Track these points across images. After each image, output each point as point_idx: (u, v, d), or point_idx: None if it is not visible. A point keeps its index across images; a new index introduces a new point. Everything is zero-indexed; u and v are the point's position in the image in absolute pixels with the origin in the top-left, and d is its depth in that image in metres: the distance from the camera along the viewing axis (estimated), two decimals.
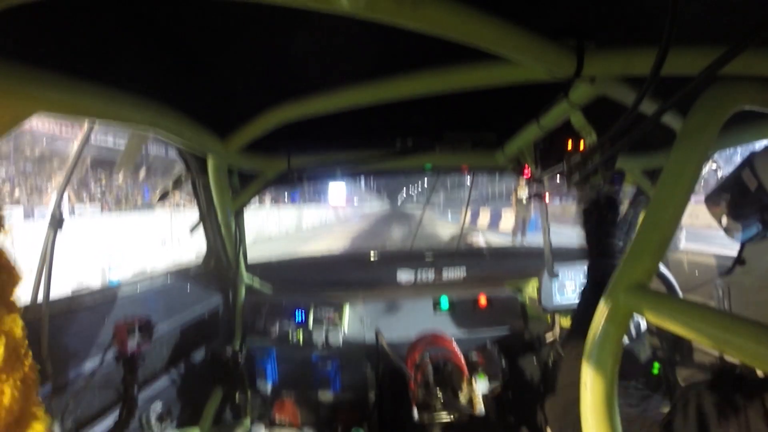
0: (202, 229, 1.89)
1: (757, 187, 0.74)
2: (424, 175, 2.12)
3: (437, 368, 1.56)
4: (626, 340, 1.52)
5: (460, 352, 1.67)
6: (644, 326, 1.63)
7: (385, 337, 1.74)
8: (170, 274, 1.77)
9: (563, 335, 1.94)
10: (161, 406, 1.43)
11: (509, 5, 0.69)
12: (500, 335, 1.98)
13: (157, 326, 1.31)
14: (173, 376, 1.57)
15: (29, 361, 0.65)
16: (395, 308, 2.05)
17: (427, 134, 1.58)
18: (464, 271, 2.24)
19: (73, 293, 1.26)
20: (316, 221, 25.28)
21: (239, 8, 0.71)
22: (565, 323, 1.94)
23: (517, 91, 0.97)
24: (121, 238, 9.72)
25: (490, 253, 2.58)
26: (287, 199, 26.16)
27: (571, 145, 1.18)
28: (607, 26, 0.79)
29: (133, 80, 0.90)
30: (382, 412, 1.81)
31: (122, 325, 1.19)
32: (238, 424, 1.79)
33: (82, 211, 14.57)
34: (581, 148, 1.12)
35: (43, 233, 1.12)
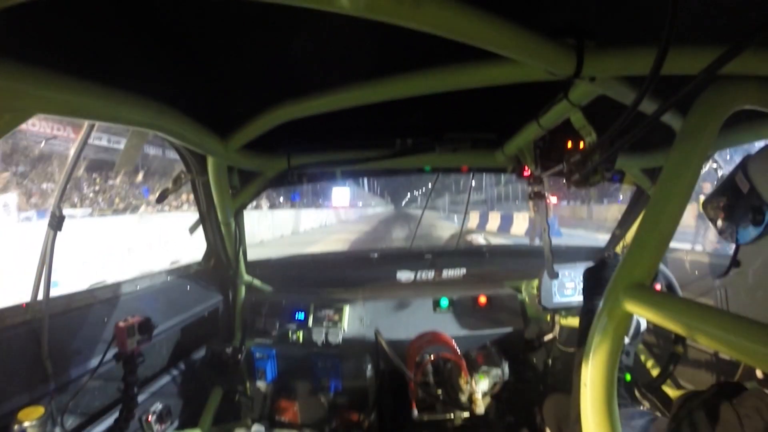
0: (201, 228, 1.89)
1: (749, 189, 0.74)
2: (426, 175, 2.12)
3: (437, 367, 1.56)
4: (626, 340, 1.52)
5: (459, 351, 1.67)
6: (644, 326, 1.63)
7: (385, 336, 1.74)
8: (170, 273, 1.77)
9: (563, 335, 1.94)
10: (161, 406, 1.43)
11: (509, 5, 0.69)
12: (500, 335, 1.98)
13: (157, 325, 1.31)
14: (173, 375, 1.57)
15: None
16: (395, 307, 2.05)
17: (427, 134, 1.58)
18: (464, 270, 2.24)
19: (73, 293, 1.26)
20: (314, 224, 25.03)
21: (239, 8, 0.71)
22: (565, 323, 1.95)
23: (516, 90, 0.97)
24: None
25: (489, 252, 2.58)
26: (283, 200, 25.97)
27: (571, 144, 1.18)
28: (606, 26, 0.79)
29: (133, 80, 0.90)
30: (381, 411, 1.81)
31: (122, 324, 1.18)
32: (238, 424, 1.79)
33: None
34: (581, 147, 1.12)
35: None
